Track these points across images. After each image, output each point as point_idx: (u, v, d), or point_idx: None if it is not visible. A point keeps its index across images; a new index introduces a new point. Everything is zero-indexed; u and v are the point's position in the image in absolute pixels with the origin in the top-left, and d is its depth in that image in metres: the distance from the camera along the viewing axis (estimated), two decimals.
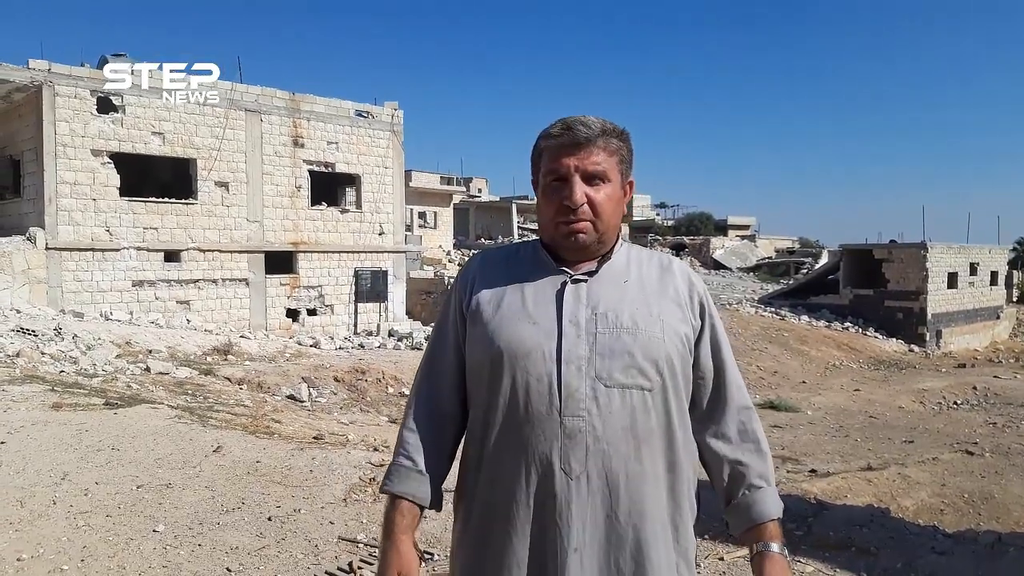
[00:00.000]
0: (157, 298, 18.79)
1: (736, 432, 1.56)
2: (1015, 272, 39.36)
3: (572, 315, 1.47)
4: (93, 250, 17.87)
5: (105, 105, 18.01)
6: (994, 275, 32.62)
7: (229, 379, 12.03)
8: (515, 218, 46.18)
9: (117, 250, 18.18)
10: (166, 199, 19.29)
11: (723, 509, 1.57)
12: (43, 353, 11.11)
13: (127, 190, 18.47)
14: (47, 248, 17.18)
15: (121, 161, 18.37)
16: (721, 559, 4.29)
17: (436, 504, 1.54)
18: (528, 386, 1.44)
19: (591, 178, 1.48)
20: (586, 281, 1.51)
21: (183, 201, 19.44)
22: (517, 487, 1.44)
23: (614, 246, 1.57)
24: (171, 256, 19.10)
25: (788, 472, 9.93)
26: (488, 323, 1.50)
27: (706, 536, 4.52)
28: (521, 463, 1.44)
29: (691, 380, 1.55)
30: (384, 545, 1.50)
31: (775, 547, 1.46)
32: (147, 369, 11.27)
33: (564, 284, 1.50)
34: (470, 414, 1.57)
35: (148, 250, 18.68)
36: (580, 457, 1.41)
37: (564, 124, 1.50)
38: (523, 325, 1.47)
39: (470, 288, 1.58)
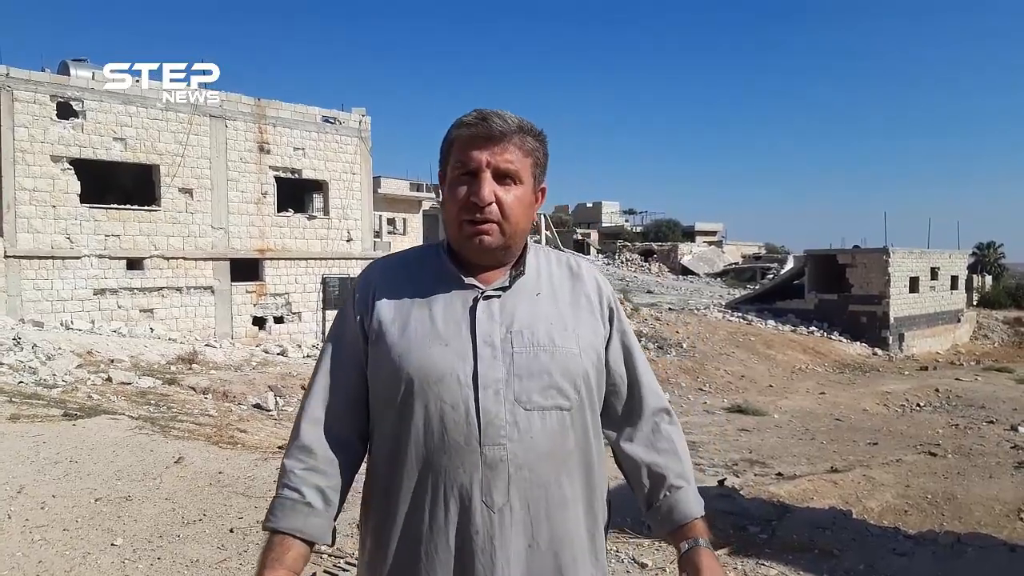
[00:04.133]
0: (119, 307, 18.46)
1: (652, 435, 1.50)
2: (975, 276, 40.20)
3: (487, 335, 1.35)
4: (53, 258, 17.52)
5: (65, 110, 17.70)
6: (954, 279, 33.20)
7: (194, 388, 11.83)
8: None
9: (78, 258, 17.85)
10: (128, 206, 18.97)
11: (644, 514, 1.51)
12: (1, 363, 10.86)
13: (88, 197, 18.16)
14: (6, 256, 16.82)
15: (82, 167, 18.07)
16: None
17: (328, 538, 1.39)
18: (443, 414, 1.32)
19: (502, 176, 1.36)
20: (499, 297, 1.40)
21: (146, 208, 19.14)
22: (435, 523, 1.33)
23: (524, 255, 1.45)
24: (134, 264, 18.79)
25: (755, 475, 10.02)
26: (394, 346, 1.36)
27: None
28: (439, 497, 1.32)
29: (604, 391, 1.48)
30: None
31: (703, 542, 1.40)
32: (109, 379, 11.05)
33: (476, 300, 1.38)
34: (374, 443, 1.43)
35: (110, 258, 18.37)
36: (502, 488, 1.31)
37: (480, 114, 1.37)
38: (434, 347, 1.34)
39: (371, 302, 1.42)
